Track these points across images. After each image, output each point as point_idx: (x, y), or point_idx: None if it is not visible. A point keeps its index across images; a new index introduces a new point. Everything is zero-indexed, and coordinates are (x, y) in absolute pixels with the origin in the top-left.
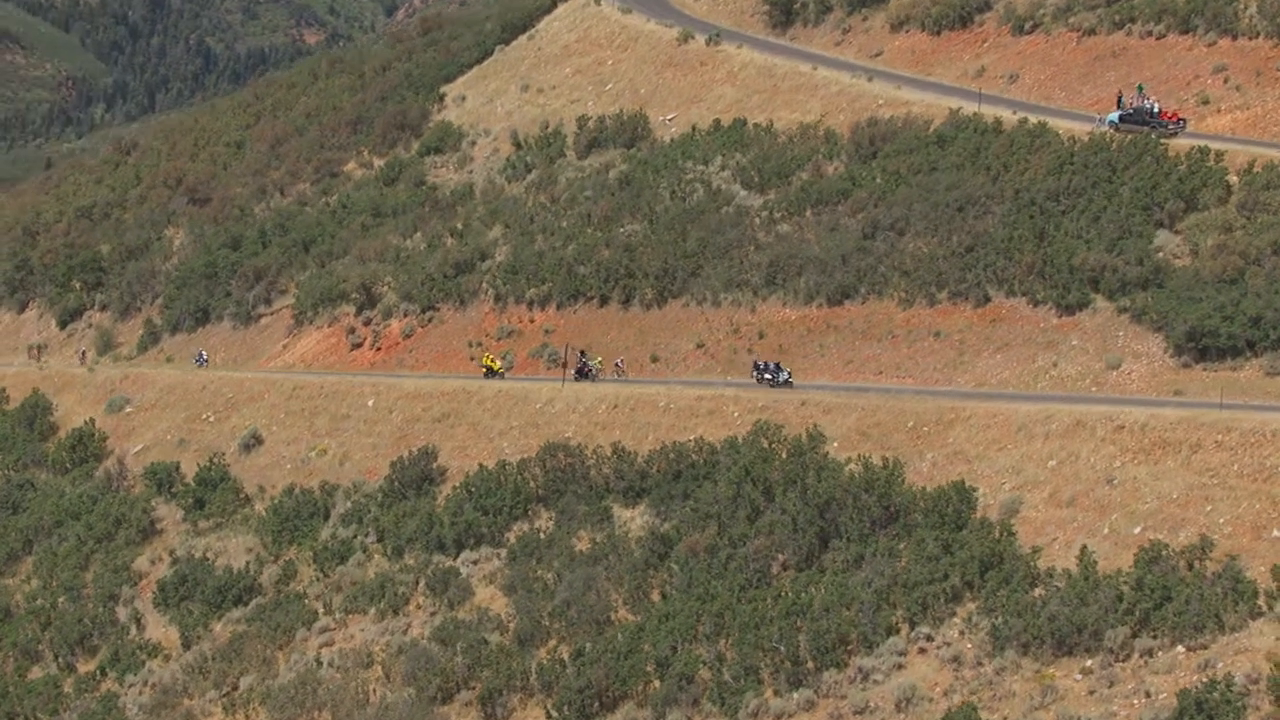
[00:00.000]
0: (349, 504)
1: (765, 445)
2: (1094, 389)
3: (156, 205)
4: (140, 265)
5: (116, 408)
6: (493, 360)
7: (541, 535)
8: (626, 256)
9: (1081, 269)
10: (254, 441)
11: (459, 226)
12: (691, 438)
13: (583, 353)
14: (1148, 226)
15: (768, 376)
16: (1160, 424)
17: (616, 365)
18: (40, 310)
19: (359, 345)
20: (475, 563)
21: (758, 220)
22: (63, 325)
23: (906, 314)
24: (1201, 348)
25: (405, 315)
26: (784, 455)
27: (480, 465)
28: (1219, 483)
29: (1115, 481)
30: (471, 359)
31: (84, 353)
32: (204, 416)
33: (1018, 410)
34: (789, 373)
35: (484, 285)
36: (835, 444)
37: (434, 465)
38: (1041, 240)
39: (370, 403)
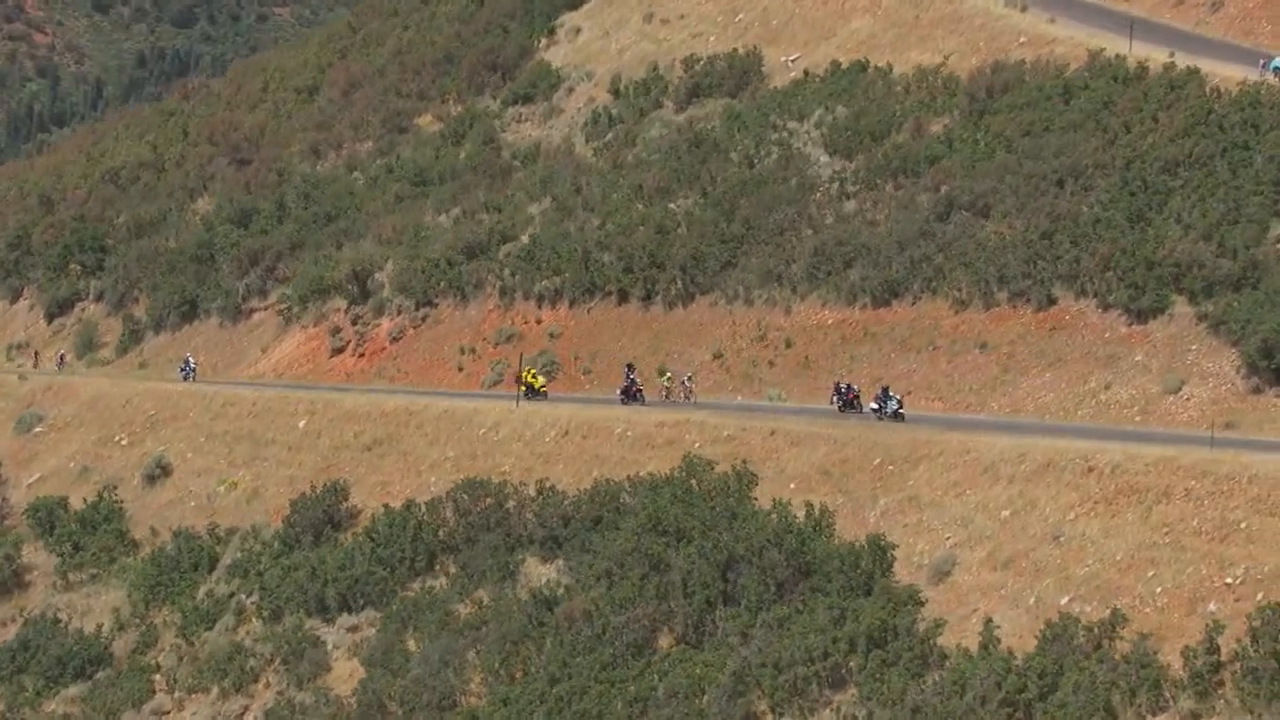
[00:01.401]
0: (240, 553)
1: (695, 486)
2: (1138, 419)
3: (194, 167)
4: (143, 245)
5: (26, 426)
6: (534, 375)
7: (430, 596)
8: (656, 240)
9: (1163, 264)
10: (159, 472)
11: (503, 199)
12: (640, 473)
13: (630, 367)
14: (1269, 208)
15: (874, 407)
16: (1135, 466)
17: (684, 384)
18: (32, 300)
19: (341, 350)
20: (352, 629)
21: (824, 195)
22: (51, 318)
23: (957, 319)
24: (1276, 367)
25: (399, 313)
26: (708, 499)
27: (385, 506)
28: (1171, 541)
29: (1063, 538)
30: (460, 369)
31: (62, 356)
32: (117, 439)
33: (993, 446)
34: (900, 400)
35: (490, 276)
36: (793, 485)
37: (343, 505)
38: (1135, 225)
39: (301, 424)
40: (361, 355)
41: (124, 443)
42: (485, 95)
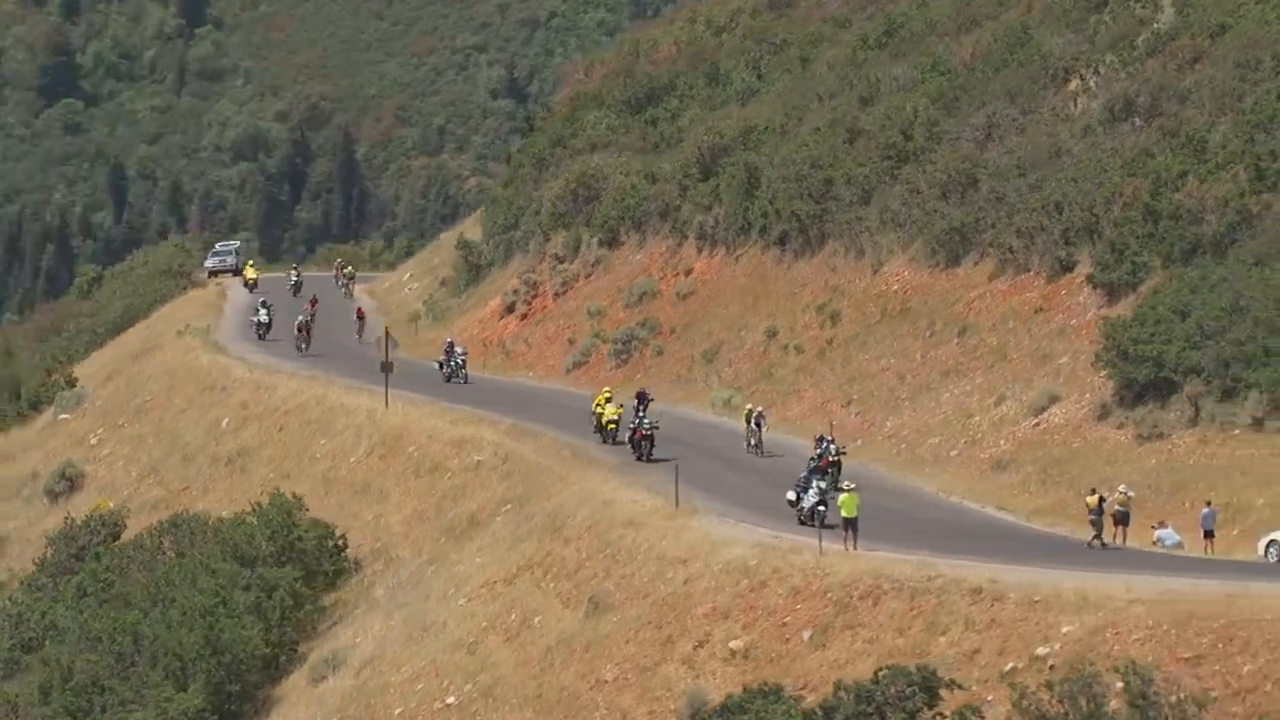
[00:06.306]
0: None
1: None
2: (953, 453)
3: None
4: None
5: (71, 403)
6: (604, 402)
7: None
8: (838, 152)
9: (1162, 216)
10: (65, 486)
11: (902, 74)
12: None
13: (757, 415)
14: None
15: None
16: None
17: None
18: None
19: (510, 309)
20: None
21: (1077, 84)
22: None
23: (985, 288)
24: (1144, 381)
25: (580, 253)
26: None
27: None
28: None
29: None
30: (571, 342)
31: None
32: (90, 437)
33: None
34: (825, 490)
35: (673, 204)
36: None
37: (93, 550)
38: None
39: (225, 422)
40: (524, 316)
41: (93, 441)
42: None
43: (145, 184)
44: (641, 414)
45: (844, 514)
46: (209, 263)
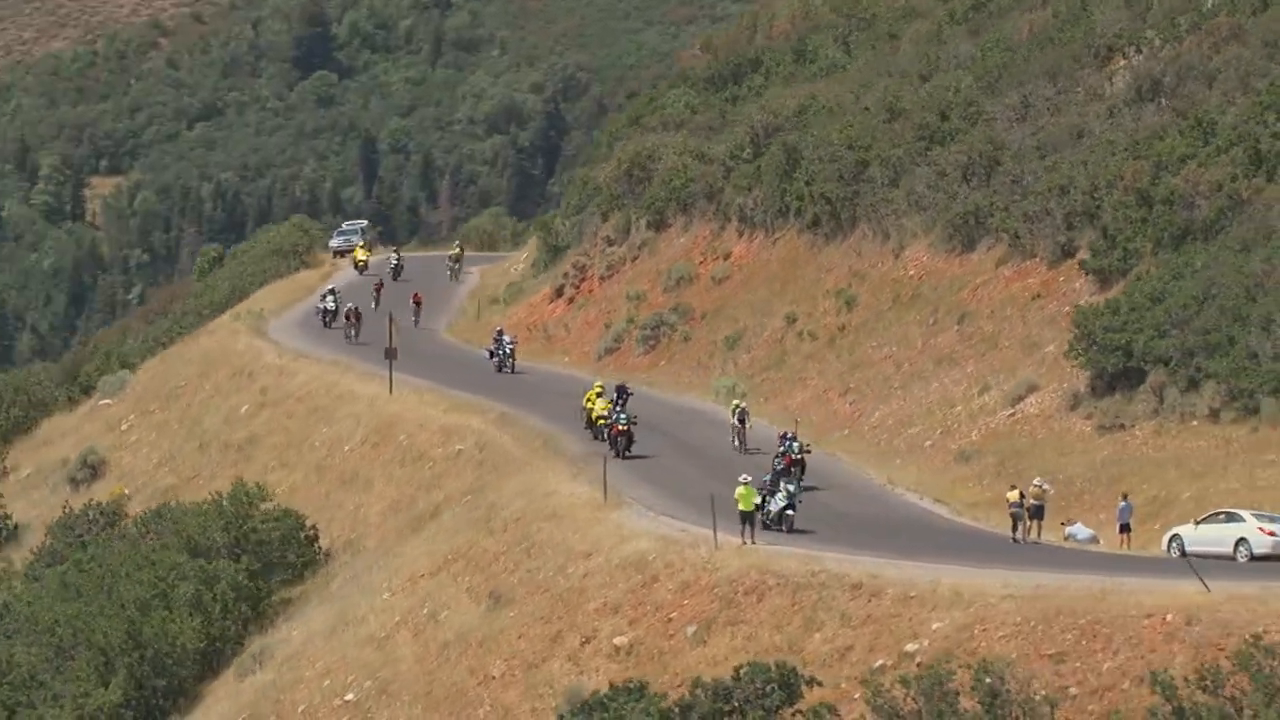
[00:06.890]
0: None
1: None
2: (927, 443)
3: None
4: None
5: (114, 388)
6: (594, 397)
7: None
8: (877, 133)
9: (1155, 200)
10: (87, 474)
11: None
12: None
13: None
14: None
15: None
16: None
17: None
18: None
19: (559, 294)
20: None
21: (1100, 55)
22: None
23: (992, 274)
24: (1117, 370)
25: (628, 235)
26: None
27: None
28: None
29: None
30: (607, 327)
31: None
32: (122, 423)
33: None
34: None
35: (717, 185)
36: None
37: (80, 540)
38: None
39: (243, 410)
40: (571, 300)
41: (124, 428)
42: None
43: (397, 158)
44: (619, 409)
45: (740, 508)
46: (333, 242)
